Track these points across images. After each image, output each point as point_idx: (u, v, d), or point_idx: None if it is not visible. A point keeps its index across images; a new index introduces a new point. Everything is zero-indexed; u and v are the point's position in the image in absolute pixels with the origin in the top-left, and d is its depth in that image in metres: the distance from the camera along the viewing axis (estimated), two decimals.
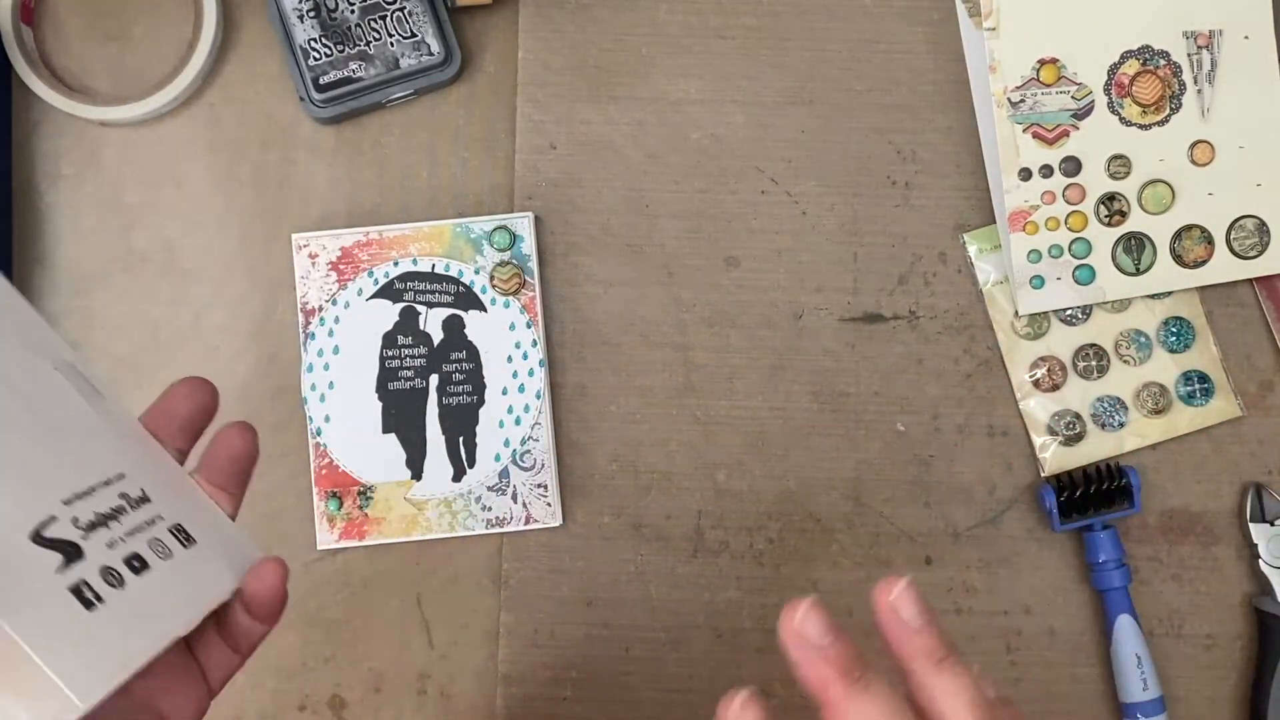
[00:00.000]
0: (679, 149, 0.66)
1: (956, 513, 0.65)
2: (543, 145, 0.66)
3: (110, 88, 0.66)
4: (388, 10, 0.64)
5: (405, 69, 0.64)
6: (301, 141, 0.66)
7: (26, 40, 0.65)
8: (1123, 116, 0.64)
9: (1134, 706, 0.62)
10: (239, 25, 0.66)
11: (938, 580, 0.64)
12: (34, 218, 0.65)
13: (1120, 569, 0.62)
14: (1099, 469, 0.63)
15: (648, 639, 0.64)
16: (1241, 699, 0.64)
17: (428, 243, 0.64)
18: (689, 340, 0.65)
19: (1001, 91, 0.64)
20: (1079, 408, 0.65)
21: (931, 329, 0.65)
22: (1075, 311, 0.65)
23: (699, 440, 0.65)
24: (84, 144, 0.65)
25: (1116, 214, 0.64)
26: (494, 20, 0.67)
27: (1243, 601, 0.64)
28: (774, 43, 0.67)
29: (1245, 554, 0.64)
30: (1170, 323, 0.65)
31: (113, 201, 0.65)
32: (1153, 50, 0.64)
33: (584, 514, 0.65)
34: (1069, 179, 0.64)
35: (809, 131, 0.66)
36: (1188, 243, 0.64)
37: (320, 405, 0.63)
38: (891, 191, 0.66)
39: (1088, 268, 0.64)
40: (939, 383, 0.65)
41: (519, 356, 0.64)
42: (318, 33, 0.64)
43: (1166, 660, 0.64)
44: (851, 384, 0.65)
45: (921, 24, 0.67)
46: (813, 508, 0.65)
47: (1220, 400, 0.65)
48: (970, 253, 0.66)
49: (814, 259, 0.66)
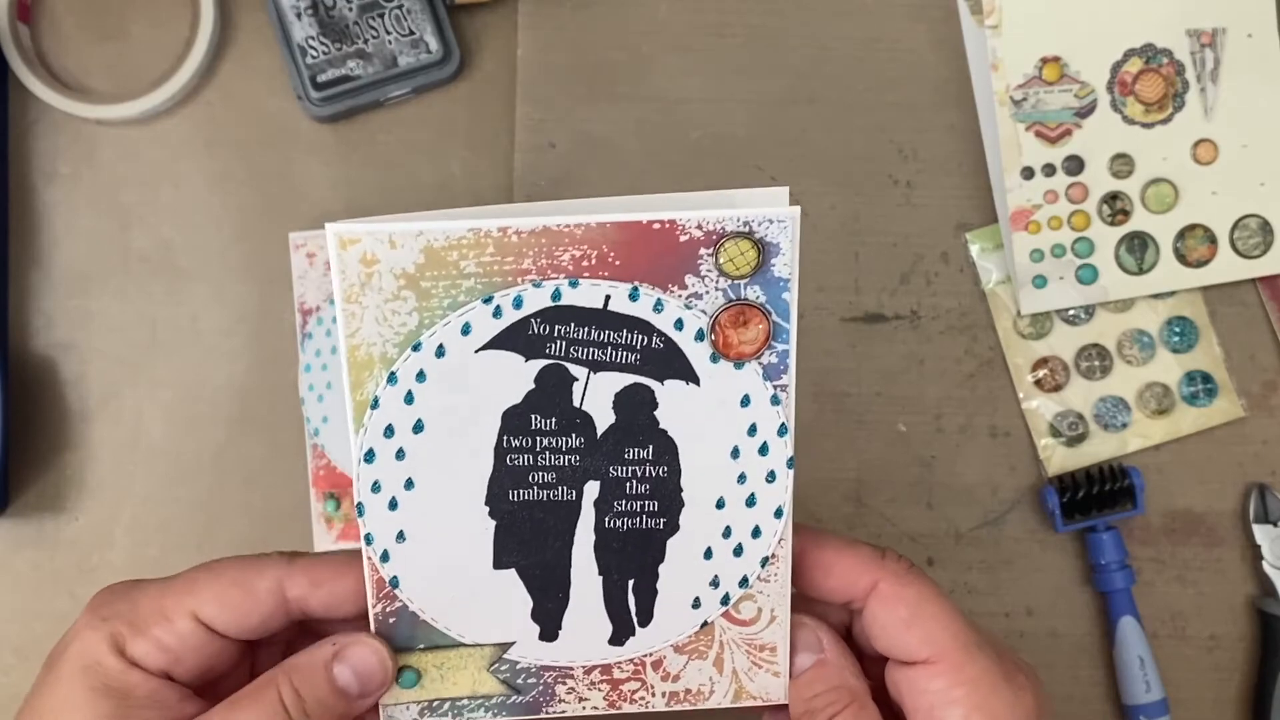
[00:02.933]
0: (679, 148, 0.66)
1: (958, 514, 0.64)
2: (542, 144, 0.65)
3: (107, 86, 0.65)
4: (386, 8, 0.64)
5: (404, 67, 0.64)
6: (299, 140, 0.65)
7: (23, 38, 0.64)
8: (1125, 115, 0.64)
9: (1137, 708, 0.61)
10: (236, 23, 0.66)
11: (940, 581, 0.64)
12: (30, 216, 0.65)
13: (1123, 570, 0.62)
14: (1102, 470, 0.63)
15: None
16: (1245, 701, 0.64)
17: None
18: None
19: (1004, 90, 0.64)
20: (1082, 408, 0.64)
21: (933, 329, 0.65)
22: (1078, 311, 0.65)
23: None
24: (81, 142, 0.65)
25: (1119, 213, 0.64)
26: (493, 18, 0.66)
27: (1246, 603, 0.64)
28: (775, 41, 0.66)
29: (1249, 555, 0.64)
30: (1173, 323, 0.65)
31: (110, 200, 0.65)
32: (1156, 49, 0.64)
33: None
34: (1071, 178, 0.64)
35: (810, 130, 0.66)
36: (1191, 242, 0.64)
37: (318, 405, 0.63)
38: (893, 190, 0.66)
39: (1090, 267, 0.64)
40: (941, 383, 0.65)
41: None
42: (315, 31, 0.63)
43: (1170, 662, 0.63)
44: (852, 384, 0.65)
45: (923, 22, 0.66)
46: (814, 508, 0.64)
47: (1224, 401, 0.64)
48: (972, 252, 0.65)
49: (815, 258, 0.65)
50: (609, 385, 0.38)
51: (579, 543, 0.39)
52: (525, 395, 0.38)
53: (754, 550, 0.40)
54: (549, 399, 0.38)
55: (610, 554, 0.39)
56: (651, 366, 0.38)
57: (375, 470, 0.38)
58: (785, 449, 0.39)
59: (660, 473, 0.39)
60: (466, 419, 0.38)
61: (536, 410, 0.38)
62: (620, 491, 0.39)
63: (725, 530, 0.40)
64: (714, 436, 0.39)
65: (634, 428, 0.38)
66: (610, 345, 0.37)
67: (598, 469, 0.38)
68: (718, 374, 0.38)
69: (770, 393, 0.38)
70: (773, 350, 0.38)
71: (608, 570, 0.39)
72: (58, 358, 0.64)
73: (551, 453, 0.38)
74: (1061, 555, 0.64)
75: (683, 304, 0.37)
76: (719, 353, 0.38)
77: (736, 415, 0.38)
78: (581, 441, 0.38)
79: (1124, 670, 0.62)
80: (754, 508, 0.39)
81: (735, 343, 0.37)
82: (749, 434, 0.39)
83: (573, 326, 0.37)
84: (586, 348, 0.37)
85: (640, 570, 0.40)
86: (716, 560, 0.40)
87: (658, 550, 0.39)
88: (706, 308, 0.37)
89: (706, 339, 0.37)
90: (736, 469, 0.39)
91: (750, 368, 0.38)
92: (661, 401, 0.38)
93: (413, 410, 0.37)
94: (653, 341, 0.37)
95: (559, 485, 0.39)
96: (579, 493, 0.39)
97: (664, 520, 0.39)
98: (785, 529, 0.40)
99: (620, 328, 0.37)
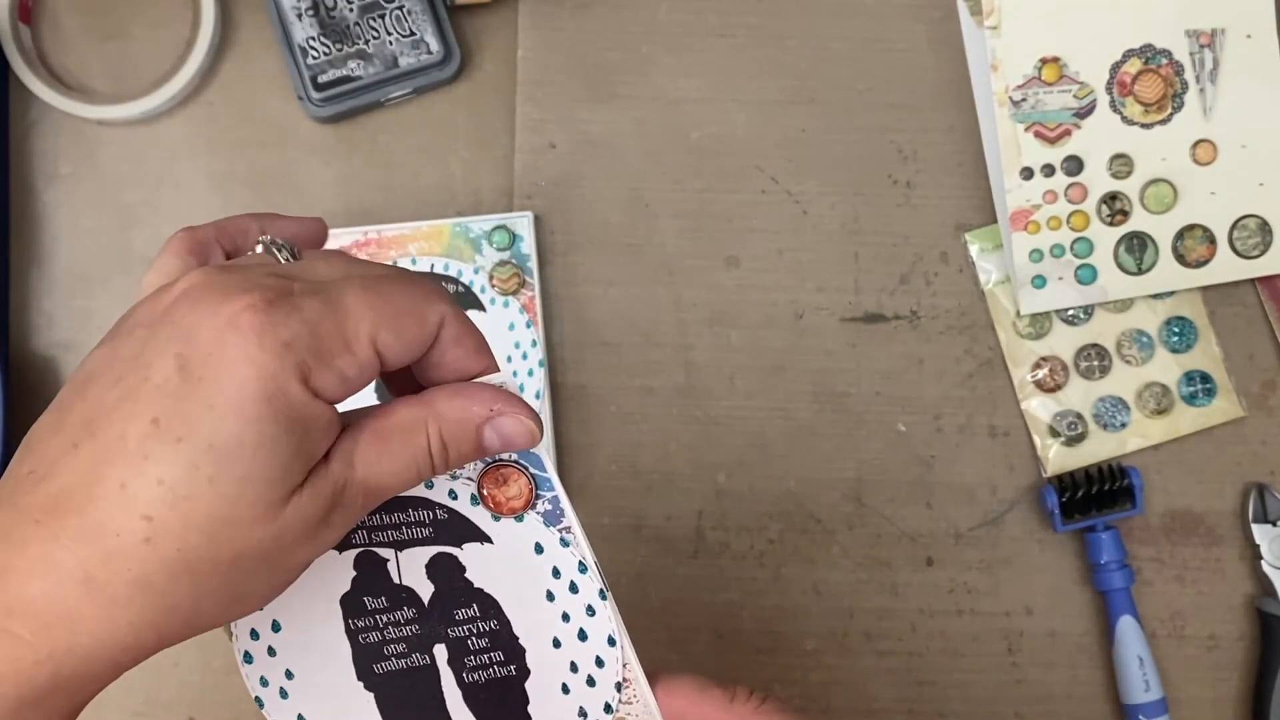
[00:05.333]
0: (679, 148, 0.66)
1: (958, 513, 0.64)
2: (542, 144, 0.66)
3: (108, 87, 0.65)
4: (386, 9, 0.64)
5: (404, 68, 0.64)
6: (300, 141, 0.65)
7: (24, 39, 0.64)
8: (1125, 115, 0.64)
9: (1136, 708, 0.61)
10: (237, 24, 0.66)
11: (939, 581, 0.64)
12: (31, 217, 0.65)
13: (1122, 570, 0.62)
14: (1101, 469, 0.63)
15: (648, 640, 0.64)
16: (1244, 700, 0.64)
17: (427, 242, 0.64)
18: (689, 340, 0.65)
19: (1003, 90, 0.64)
20: (1081, 408, 0.64)
21: (933, 329, 0.65)
22: (1077, 311, 0.65)
23: (699, 440, 0.65)
24: (82, 143, 0.65)
25: (1118, 213, 0.64)
26: (493, 19, 0.66)
27: (1245, 602, 0.64)
28: (775, 41, 0.66)
29: (1248, 555, 0.64)
30: (1172, 322, 0.65)
31: (111, 201, 0.65)
32: (1155, 49, 0.64)
33: (584, 515, 0.64)
34: (1071, 178, 0.64)
35: (810, 130, 0.66)
36: (1190, 242, 0.64)
37: None
38: (893, 191, 0.66)
39: (1089, 267, 0.64)
40: (940, 383, 0.65)
41: (518, 356, 0.63)
42: (316, 31, 0.64)
43: (1169, 661, 0.63)
44: (852, 384, 0.65)
45: (923, 22, 0.66)
46: (813, 508, 0.64)
47: (1222, 400, 0.64)
48: (972, 252, 0.65)
49: (815, 258, 0.65)
50: (418, 559, 0.40)
51: (450, 699, 0.41)
52: (352, 581, 0.40)
53: (605, 678, 0.42)
54: (371, 581, 0.40)
55: (480, 705, 0.41)
56: (445, 535, 0.40)
57: (257, 669, 0.40)
58: (593, 583, 0.41)
59: (493, 626, 0.41)
60: (314, 611, 0.40)
61: (366, 593, 0.40)
62: (465, 649, 0.41)
63: (571, 665, 0.41)
64: (524, 586, 0.40)
65: (453, 592, 0.40)
66: (404, 525, 0.40)
67: (437, 633, 0.41)
68: (504, 531, 0.40)
69: (557, 537, 0.40)
70: (541, 499, 0.39)
71: (485, 718, 0.42)
72: (58, 357, 0.64)
73: (393, 626, 0.40)
74: (1061, 555, 0.64)
75: (448, 477, 0.39)
76: (495, 512, 0.40)
77: (535, 563, 0.40)
78: (414, 612, 0.40)
79: (1123, 670, 0.62)
80: (588, 641, 0.41)
81: (503, 500, 0.39)
82: (554, 576, 0.41)
83: (367, 518, 0.39)
84: (384, 531, 0.40)
85: (514, 713, 0.42)
86: (575, 694, 0.42)
87: (519, 694, 0.41)
88: (470, 475, 0.39)
89: (480, 503, 0.39)
90: (557, 609, 0.41)
91: (531, 518, 0.40)
92: (467, 564, 0.40)
93: (265, 614, 0.39)
94: (436, 514, 0.39)
95: (411, 654, 0.41)
96: (431, 656, 0.41)
97: (514, 666, 0.41)
98: (625, 654, 0.42)
99: (404, 508, 0.39)
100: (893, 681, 0.64)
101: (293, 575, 0.34)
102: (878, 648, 0.64)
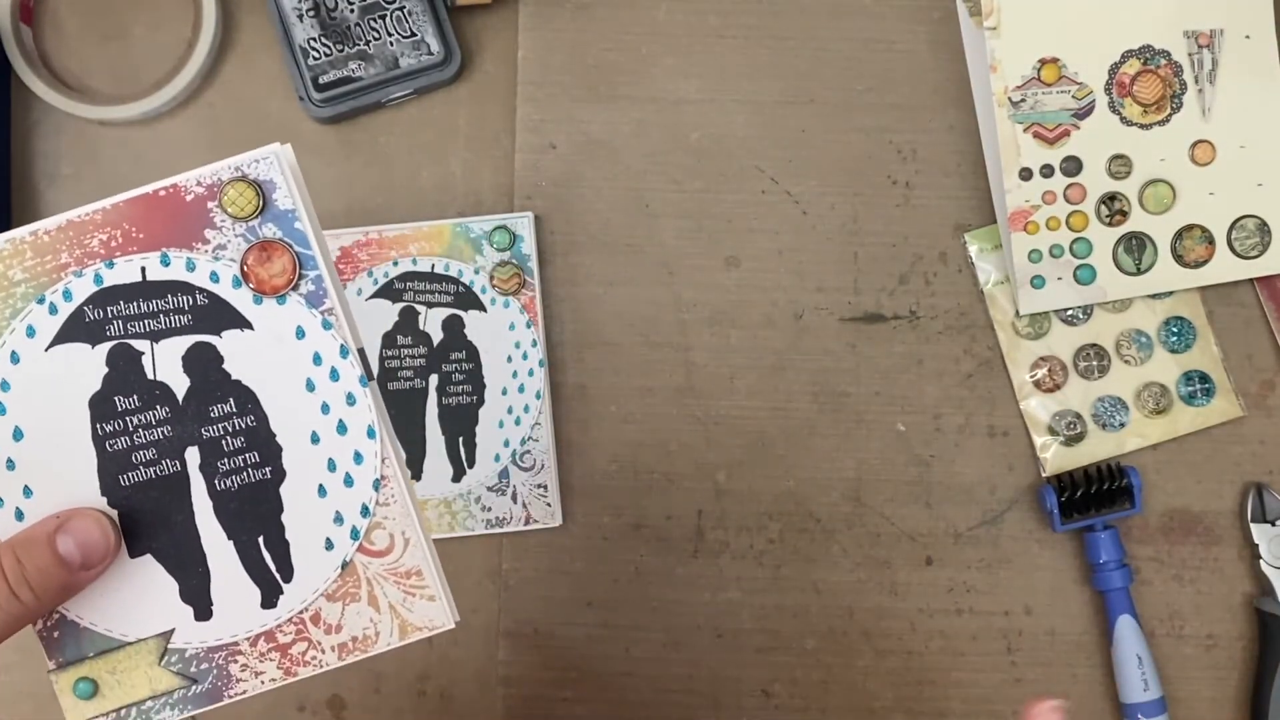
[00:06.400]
0: (679, 149, 0.66)
1: (957, 513, 0.65)
2: (542, 145, 0.66)
3: (109, 87, 0.66)
4: (387, 10, 0.64)
5: (405, 68, 0.64)
6: (301, 141, 0.66)
7: (26, 40, 0.64)
8: (1123, 116, 0.64)
9: (1135, 707, 0.62)
10: (238, 24, 0.66)
11: (938, 580, 0.64)
12: (33, 217, 0.65)
13: (1121, 569, 0.62)
14: (1100, 469, 0.63)
15: (648, 639, 0.64)
16: (1242, 700, 0.64)
17: (427, 242, 0.64)
18: (689, 340, 0.65)
19: (1002, 91, 0.64)
20: (1080, 408, 0.65)
21: (932, 329, 0.65)
22: (1076, 311, 0.65)
23: (699, 440, 0.65)
24: (83, 143, 0.65)
25: (1117, 214, 0.64)
26: (494, 20, 0.67)
27: (1244, 602, 0.64)
28: (774, 42, 0.66)
29: (1246, 554, 0.64)
30: (1171, 323, 0.65)
31: None
32: (1154, 50, 0.64)
33: (584, 514, 0.65)
34: (1070, 179, 0.64)
35: (809, 131, 0.66)
36: (1189, 242, 0.64)
37: None
38: (892, 191, 0.66)
39: (1088, 267, 0.64)
40: (939, 383, 0.65)
41: (519, 356, 0.64)
42: (317, 32, 0.64)
43: (1167, 661, 0.64)
44: (852, 384, 0.65)
45: (922, 23, 0.66)
46: (813, 508, 0.65)
47: (1221, 400, 0.65)
48: (971, 252, 0.66)
49: (814, 259, 0.66)
50: (174, 351, 0.40)
51: (200, 512, 0.40)
52: (103, 379, 0.39)
53: (363, 475, 0.41)
54: (124, 378, 0.39)
55: (232, 516, 0.40)
56: (204, 323, 0.40)
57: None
58: (353, 369, 0.40)
59: (249, 423, 0.40)
60: (60, 416, 0.39)
61: (118, 392, 0.39)
62: (219, 450, 0.40)
63: (329, 463, 0.40)
64: (284, 374, 0.40)
65: (209, 385, 0.40)
66: (161, 313, 0.39)
67: (191, 434, 0.40)
68: (266, 315, 0.40)
69: (319, 319, 0.40)
70: (305, 279, 0.40)
71: (235, 533, 0.40)
72: None
73: (144, 429, 0.40)
74: (1060, 554, 0.64)
75: (210, 257, 0.39)
76: (258, 293, 0.40)
77: (296, 348, 0.40)
78: (167, 411, 0.40)
79: (1122, 669, 0.62)
80: (347, 434, 0.40)
81: (266, 278, 0.39)
82: (315, 363, 0.40)
83: (122, 305, 0.39)
84: (141, 320, 0.39)
85: (266, 525, 0.41)
86: (332, 496, 0.40)
87: (274, 500, 0.40)
88: (234, 255, 0.39)
89: (243, 284, 0.39)
90: (317, 400, 0.40)
91: (293, 300, 0.40)
92: (226, 354, 0.40)
93: (7, 420, 0.39)
94: (197, 299, 0.39)
95: (161, 460, 0.40)
96: (182, 462, 0.40)
97: (269, 469, 0.40)
98: (384, 448, 0.41)
99: (164, 294, 0.39)
100: (892, 681, 0.64)
101: None
102: (877, 647, 0.64)
